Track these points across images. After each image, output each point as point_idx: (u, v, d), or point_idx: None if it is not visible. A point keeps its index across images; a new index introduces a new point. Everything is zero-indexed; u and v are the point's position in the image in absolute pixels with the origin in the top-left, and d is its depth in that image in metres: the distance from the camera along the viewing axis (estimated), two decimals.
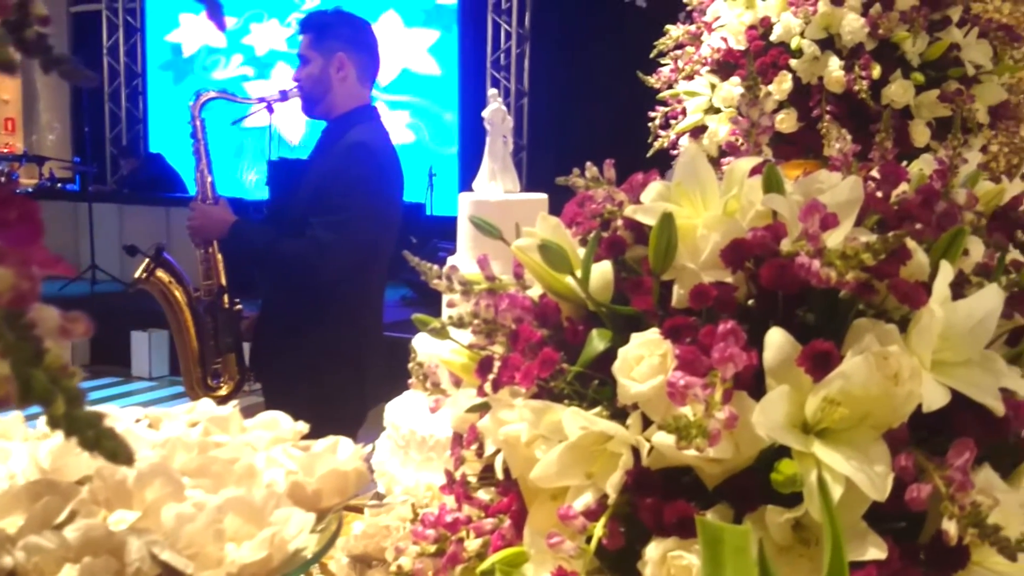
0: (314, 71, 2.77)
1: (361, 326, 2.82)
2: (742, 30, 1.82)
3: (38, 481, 0.78)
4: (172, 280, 2.88)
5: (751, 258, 0.72)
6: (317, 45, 2.77)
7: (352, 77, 2.79)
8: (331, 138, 2.82)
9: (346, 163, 2.66)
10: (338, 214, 2.59)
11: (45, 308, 0.36)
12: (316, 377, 2.71)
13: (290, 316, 2.76)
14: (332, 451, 0.90)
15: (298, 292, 2.72)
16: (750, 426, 0.65)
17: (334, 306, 2.71)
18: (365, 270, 2.74)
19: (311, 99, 2.81)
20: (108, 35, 10.91)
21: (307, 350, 2.73)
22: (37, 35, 0.47)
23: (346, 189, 2.63)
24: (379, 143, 2.78)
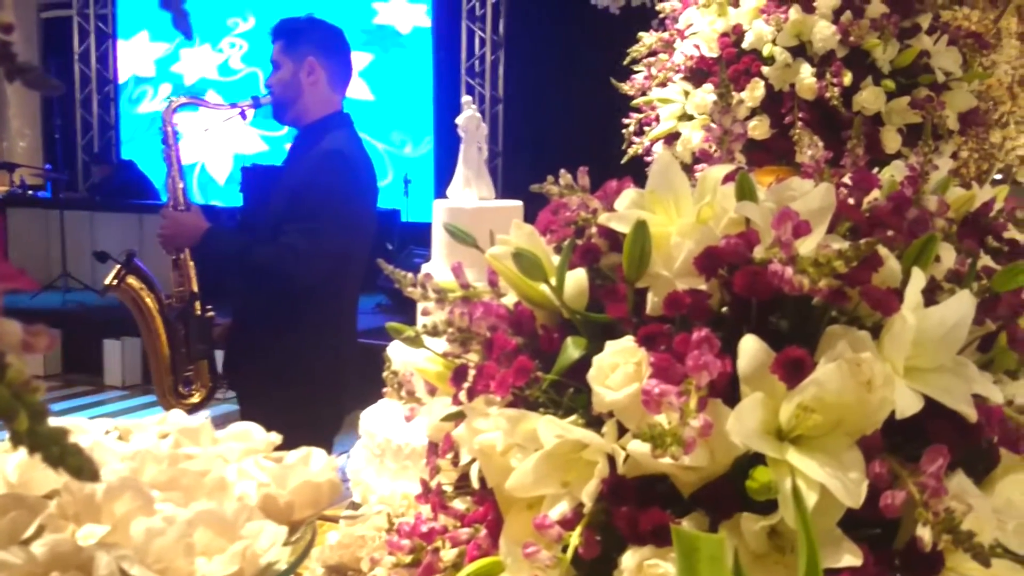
0: (285, 76, 2.77)
1: (335, 333, 2.81)
2: (714, 37, 1.83)
3: (5, 495, 0.76)
4: (143, 287, 2.85)
5: (724, 265, 0.72)
6: (288, 50, 2.77)
7: (323, 82, 2.79)
8: (304, 145, 2.81)
9: (320, 170, 2.66)
10: (312, 221, 2.58)
11: (7, 322, 0.35)
12: (290, 384, 2.70)
13: (263, 323, 2.75)
14: (305, 462, 0.89)
15: (271, 299, 2.70)
16: (725, 434, 0.65)
17: (308, 313, 2.70)
18: (339, 277, 2.74)
19: (282, 104, 2.80)
20: (79, 41, 10.80)
21: (281, 357, 2.71)
22: (1, 43, 0.46)
23: (320, 196, 2.62)
24: (353, 151, 2.78)
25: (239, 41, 10.91)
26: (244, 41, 10.84)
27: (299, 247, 2.56)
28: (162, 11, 0.44)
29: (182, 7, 0.43)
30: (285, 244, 2.57)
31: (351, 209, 2.71)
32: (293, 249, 2.56)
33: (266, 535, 0.74)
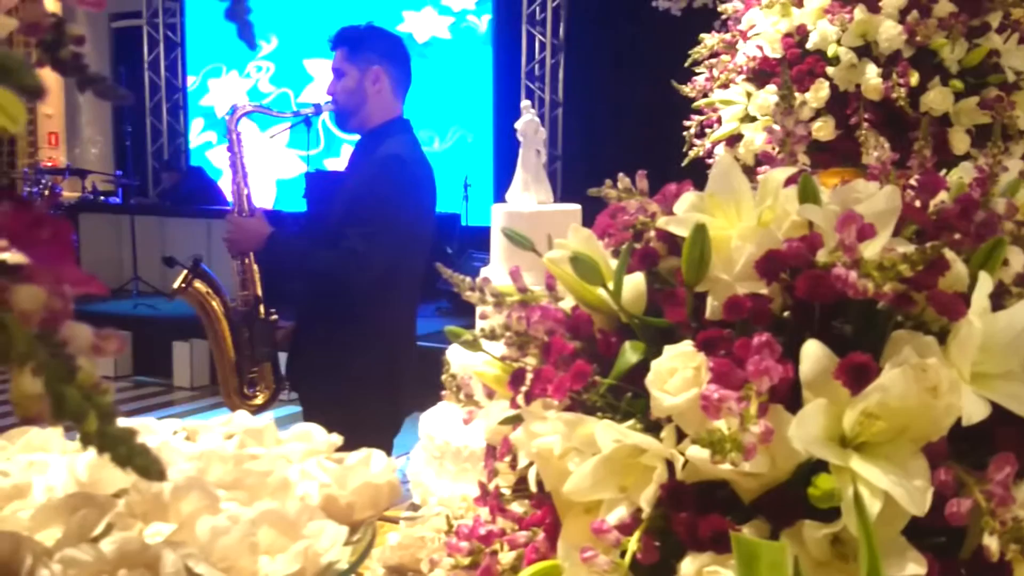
0: (350, 84, 2.79)
1: (393, 335, 2.83)
2: (778, 38, 1.81)
3: (75, 494, 0.79)
4: (209, 291, 2.91)
5: (786, 269, 0.71)
6: (353, 58, 2.79)
7: (387, 90, 2.82)
8: (366, 151, 2.84)
9: (380, 175, 2.69)
10: (371, 225, 2.61)
11: (78, 326, 0.37)
12: (349, 385, 2.73)
13: (325, 326, 2.79)
14: (365, 464, 0.91)
15: (333, 302, 2.74)
16: (786, 440, 0.64)
17: (368, 316, 2.73)
18: (397, 280, 2.76)
19: (345, 112, 2.83)
20: (149, 50, 11.07)
21: (340, 359, 2.75)
22: (73, 55, 0.48)
23: (380, 200, 2.65)
24: (413, 155, 2.80)
25: (265, 63, 11.04)
26: (270, 63, 10.96)
27: (359, 251, 2.59)
28: (226, 24, 0.45)
29: (247, 18, 0.44)
30: (345, 248, 2.61)
31: (410, 213, 2.74)
32: (353, 253, 2.59)
33: (327, 535, 0.75)
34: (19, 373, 0.35)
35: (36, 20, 0.48)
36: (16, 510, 0.80)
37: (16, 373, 0.36)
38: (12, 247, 0.37)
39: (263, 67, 11.06)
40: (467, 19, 10.16)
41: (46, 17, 0.49)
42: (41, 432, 0.93)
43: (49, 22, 0.48)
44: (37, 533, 0.74)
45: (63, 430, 0.94)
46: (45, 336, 0.35)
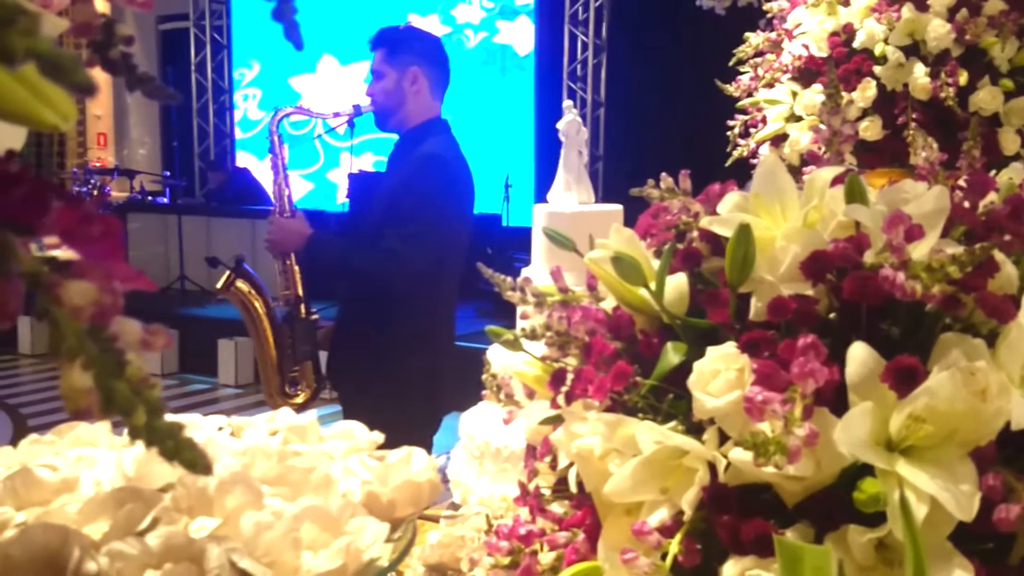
0: (388, 85, 2.81)
1: (432, 334, 2.85)
2: (824, 37, 1.79)
3: (122, 488, 0.80)
4: (252, 290, 2.95)
5: (833, 270, 0.70)
6: (391, 59, 2.82)
7: (425, 90, 2.83)
8: (404, 151, 2.86)
9: (418, 174, 2.71)
10: (410, 225, 2.63)
11: (127, 322, 0.37)
12: (390, 385, 2.75)
13: (365, 325, 2.81)
14: (406, 462, 0.91)
15: (371, 301, 2.76)
16: (831, 443, 0.63)
17: (405, 315, 2.75)
18: (436, 279, 2.78)
19: (384, 113, 2.86)
20: (196, 52, 11.23)
21: (379, 358, 2.77)
22: (122, 55, 0.48)
23: (418, 200, 2.66)
24: (451, 155, 2.82)
25: (250, 91, 11.12)
26: (256, 89, 11.04)
27: (398, 250, 2.61)
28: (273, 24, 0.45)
29: (293, 19, 0.45)
30: (384, 248, 2.62)
31: (448, 212, 2.75)
32: (392, 252, 2.61)
33: (369, 531, 0.76)
34: (69, 367, 0.36)
35: (87, 20, 0.48)
36: (64, 504, 0.81)
37: (66, 367, 0.36)
38: (64, 244, 0.38)
39: (249, 95, 11.18)
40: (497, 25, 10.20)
41: (96, 18, 0.49)
42: (89, 427, 0.95)
43: (99, 23, 0.49)
44: (85, 526, 0.75)
45: (111, 426, 0.96)
46: (95, 331, 0.36)
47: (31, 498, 0.82)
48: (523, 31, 10.18)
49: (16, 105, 0.37)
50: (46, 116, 0.37)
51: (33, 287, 0.37)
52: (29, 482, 0.83)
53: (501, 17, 10.20)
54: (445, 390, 2.89)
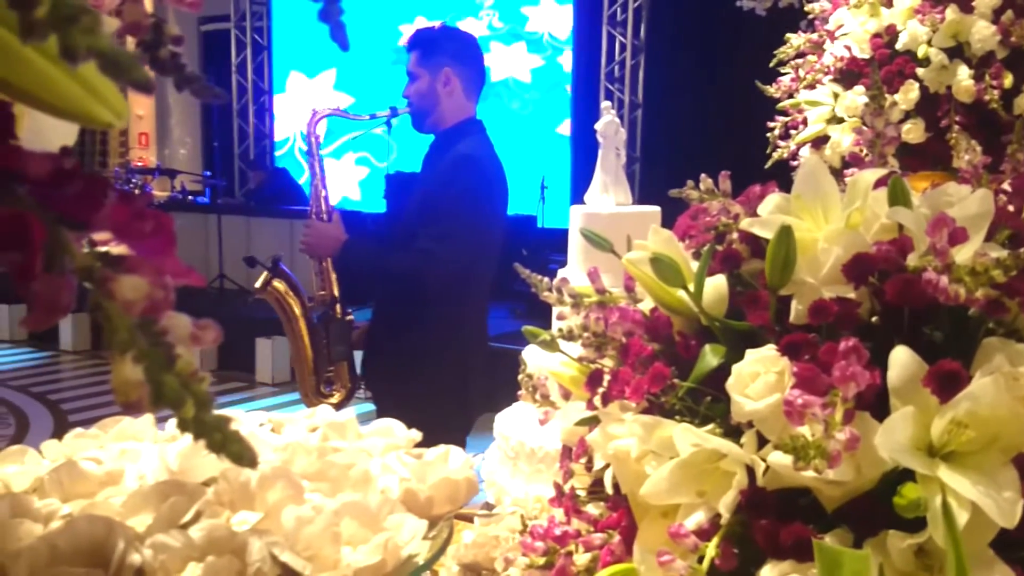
0: (422, 87, 2.84)
1: (464, 334, 2.86)
2: (866, 38, 1.77)
3: (166, 482, 0.82)
4: (288, 291, 2.97)
5: (875, 273, 0.69)
6: (424, 61, 2.84)
7: (458, 91, 2.85)
8: (438, 151, 2.88)
9: (452, 175, 2.72)
10: (443, 224, 2.65)
11: (177, 316, 0.38)
12: (422, 385, 2.76)
13: (398, 326, 2.83)
14: (444, 460, 0.92)
15: (405, 302, 2.78)
16: (872, 448, 0.63)
17: (439, 315, 2.76)
18: (470, 279, 2.78)
19: (420, 114, 2.88)
20: (236, 53, 11.35)
21: (414, 359, 2.78)
22: (171, 54, 0.49)
23: (451, 200, 2.68)
24: (484, 155, 2.83)
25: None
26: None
27: (431, 250, 2.63)
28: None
29: (340, 19, 0.45)
30: (418, 249, 2.64)
31: (481, 212, 2.76)
32: (425, 253, 2.63)
33: (407, 528, 0.76)
34: (121, 361, 0.37)
35: (137, 20, 0.49)
36: (109, 496, 0.83)
37: (118, 361, 0.37)
38: (116, 239, 0.38)
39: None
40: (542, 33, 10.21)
41: (146, 18, 0.50)
42: (134, 422, 0.97)
43: (149, 22, 0.50)
44: (129, 519, 0.77)
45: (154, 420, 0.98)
46: (146, 325, 0.37)
47: (77, 490, 0.83)
48: (521, 58, 10.20)
49: (72, 103, 0.38)
50: (101, 114, 0.38)
51: (86, 282, 0.38)
52: (75, 475, 0.84)
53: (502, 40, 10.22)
54: (478, 391, 2.89)
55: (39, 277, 0.37)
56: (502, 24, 10.42)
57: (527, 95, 10.24)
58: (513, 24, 10.38)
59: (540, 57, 10.33)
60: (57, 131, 0.46)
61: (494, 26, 10.40)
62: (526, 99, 10.12)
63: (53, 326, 8.65)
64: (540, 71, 10.31)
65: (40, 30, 0.31)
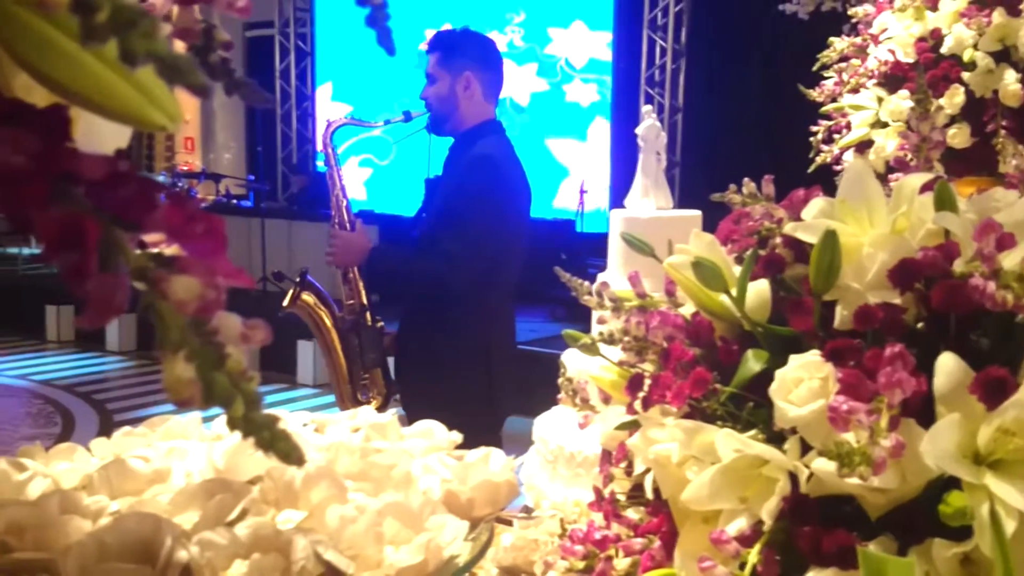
0: (442, 90, 2.81)
1: (491, 337, 2.84)
2: (911, 42, 1.75)
3: (213, 480, 0.83)
4: (317, 302, 2.97)
5: (921, 279, 0.69)
6: (445, 64, 2.81)
7: (478, 94, 2.83)
8: (457, 153, 2.86)
9: (468, 176, 2.71)
10: (462, 227, 2.64)
11: (228, 316, 0.39)
12: (448, 388, 2.75)
13: (425, 329, 2.82)
14: (485, 461, 0.92)
15: (432, 305, 2.78)
16: (918, 455, 0.62)
17: (463, 317, 2.75)
18: (492, 280, 2.77)
19: (439, 118, 2.86)
20: (280, 59, 11.47)
21: (439, 363, 2.77)
22: (221, 59, 0.50)
23: (471, 201, 2.67)
24: (502, 155, 2.81)
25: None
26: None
27: (453, 253, 2.62)
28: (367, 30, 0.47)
29: (386, 24, 0.46)
30: (439, 252, 2.63)
31: (501, 212, 2.74)
32: (446, 256, 2.62)
33: (449, 529, 0.77)
34: (173, 359, 0.38)
35: (188, 26, 0.50)
36: (157, 494, 0.84)
37: (170, 359, 0.38)
38: (169, 241, 0.39)
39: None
40: None
41: (197, 23, 0.51)
42: (181, 421, 0.98)
43: (199, 28, 0.51)
44: (176, 516, 0.78)
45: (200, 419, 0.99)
46: (198, 325, 0.38)
47: (125, 488, 0.85)
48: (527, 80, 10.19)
49: (126, 106, 0.39)
50: (155, 117, 0.39)
51: (139, 282, 0.39)
52: (123, 472, 0.86)
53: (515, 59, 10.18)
54: (504, 392, 2.88)
55: (94, 277, 0.38)
56: (523, 43, 10.41)
57: (518, 118, 10.18)
58: (533, 44, 10.36)
59: (546, 82, 10.31)
60: (111, 134, 0.47)
61: (514, 44, 10.39)
62: (515, 122, 10.00)
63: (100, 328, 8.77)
64: (540, 96, 10.29)
65: (100, 34, 0.32)
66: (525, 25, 10.41)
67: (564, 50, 10.32)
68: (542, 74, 10.35)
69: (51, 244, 0.37)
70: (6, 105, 0.39)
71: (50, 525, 0.74)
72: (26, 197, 0.37)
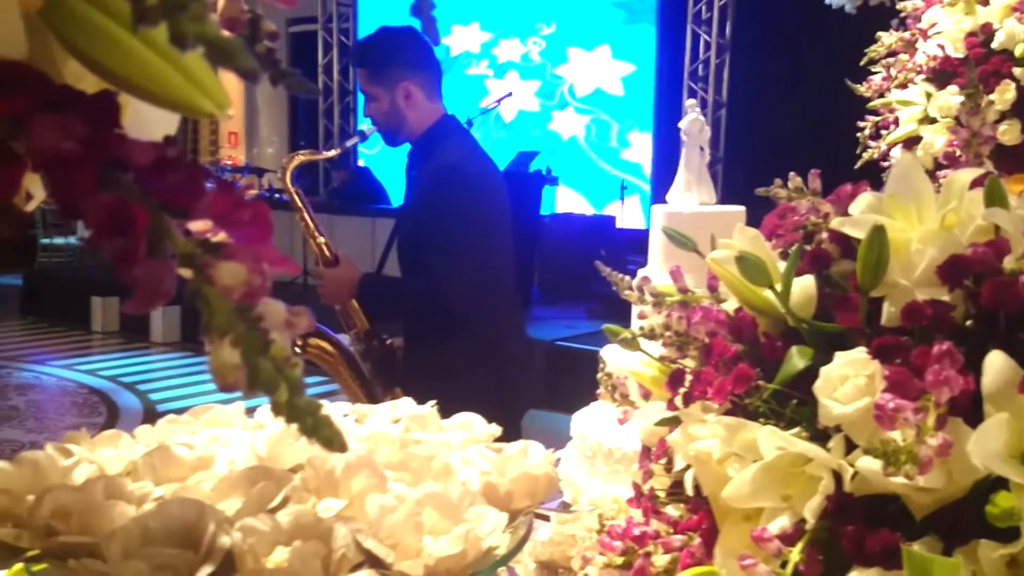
0: (383, 107, 2.71)
1: (497, 334, 2.76)
2: (961, 37, 1.71)
3: (255, 467, 0.84)
4: (325, 343, 2.92)
5: (971, 275, 0.68)
6: (377, 80, 2.70)
7: (421, 100, 2.72)
8: (418, 158, 2.79)
9: (440, 190, 2.61)
10: (447, 244, 2.56)
11: (272, 302, 0.39)
12: (457, 387, 2.66)
13: (427, 342, 2.74)
14: (524, 454, 0.92)
15: (430, 320, 2.71)
16: (965, 455, 0.61)
17: (467, 321, 2.67)
18: (490, 285, 2.70)
19: (389, 133, 2.78)
20: (323, 54, 11.56)
21: (446, 362, 2.67)
22: (267, 50, 0.50)
23: (449, 219, 2.57)
24: (466, 157, 2.72)
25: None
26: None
27: (442, 273, 2.54)
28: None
29: (431, 14, 0.46)
30: (431, 274, 2.56)
31: (482, 222, 2.66)
32: (438, 277, 2.55)
33: (488, 520, 0.77)
34: (219, 344, 0.38)
35: (235, 16, 0.51)
36: (200, 480, 0.85)
37: (216, 344, 0.38)
38: (216, 227, 0.40)
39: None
40: None
41: (243, 13, 0.52)
42: (224, 409, 0.99)
43: (246, 17, 0.51)
44: (219, 502, 0.79)
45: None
46: (243, 310, 0.38)
47: (169, 474, 0.86)
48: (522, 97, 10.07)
49: (175, 93, 0.39)
50: (203, 104, 0.40)
51: (186, 268, 0.39)
52: (167, 459, 0.87)
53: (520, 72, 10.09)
54: (518, 389, 2.81)
55: (142, 262, 0.38)
56: (538, 59, 10.35)
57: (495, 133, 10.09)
58: (547, 61, 10.29)
59: (538, 103, 10.23)
60: (159, 121, 0.48)
61: (529, 56, 10.33)
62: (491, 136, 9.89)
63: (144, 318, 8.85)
64: (525, 116, 10.21)
65: (152, 17, 0.33)
66: (549, 39, 10.36)
67: (573, 74, 10.28)
68: (540, 94, 10.30)
69: (100, 229, 0.38)
70: (56, 92, 0.40)
71: (95, 510, 0.75)
72: (76, 183, 0.37)
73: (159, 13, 0.32)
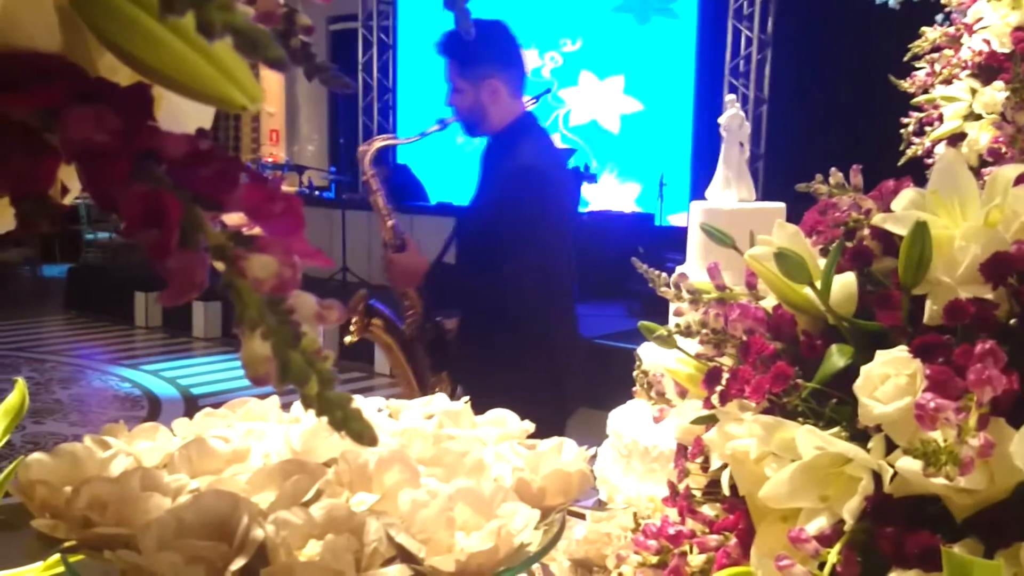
0: (467, 100, 2.74)
1: (554, 331, 2.79)
2: (1007, 32, 1.68)
3: (289, 461, 0.84)
4: (383, 325, 2.96)
5: (1015, 273, 0.66)
6: (465, 74, 2.72)
7: (505, 96, 2.75)
8: (496, 153, 2.81)
9: (517, 190, 2.62)
10: (519, 245, 2.58)
11: (303, 295, 0.39)
12: (511, 378, 2.69)
13: (484, 339, 2.78)
14: (557, 451, 0.92)
15: (490, 316, 2.74)
16: (1007, 456, 0.60)
17: (526, 317, 2.71)
18: (553, 287, 2.72)
19: (470, 124, 2.80)
20: (363, 51, 11.62)
21: (503, 353, 2.71)
22: (301, 44, 0.50)
23: (524, 219, 2.59)
24: (545, 161, 2.74)
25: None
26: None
27: (510, 272, 2.57)
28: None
29: (465, 7, 0.46)
30: (499, 272, 2.59)
31: (555, 226, 2.69)
32: (506, 276, 2.57)
33: (520, 516, 0.77)
34: (250, 337, 0.38)
35: (270, 9, 0.51)
36: (235, 473, 0.86)
37: (247, 337, 0.38)
38: (248, 220, 0.40)
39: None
40: None
41: (278, 7, 0.51)
42: (259, 403, 1.00)
43: (281, 12, 0.51)
44: (253, 495, 0.79)
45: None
46: (274, 303, 0.38)
47: (204, 467, 0.87)
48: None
49: (208, 85, 0.39)
50: (236, 96, 0.40)
51: (218, 260, 0.39)
52: (203, 452, 0.88)
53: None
54: (571, 388, 2.84)
55: (175, 254, 0.39)
56: (549, 76, 10.26)
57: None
58: (554, 80, 10.20)
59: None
60: (193, 114, 0.48)
61: (541, 72, 10.24)
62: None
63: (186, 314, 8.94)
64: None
65: (179, 6, 0.33)
66: (568, 56, 10.25)
67: (575, 102, 10.17)
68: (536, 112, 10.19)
69: (133, 221, 0.38)
70: (90, 84, 0.40)
71: (131, 501, 0.76)
72: (109, 174, 0.37)
73: (186, 2, 0.32)
